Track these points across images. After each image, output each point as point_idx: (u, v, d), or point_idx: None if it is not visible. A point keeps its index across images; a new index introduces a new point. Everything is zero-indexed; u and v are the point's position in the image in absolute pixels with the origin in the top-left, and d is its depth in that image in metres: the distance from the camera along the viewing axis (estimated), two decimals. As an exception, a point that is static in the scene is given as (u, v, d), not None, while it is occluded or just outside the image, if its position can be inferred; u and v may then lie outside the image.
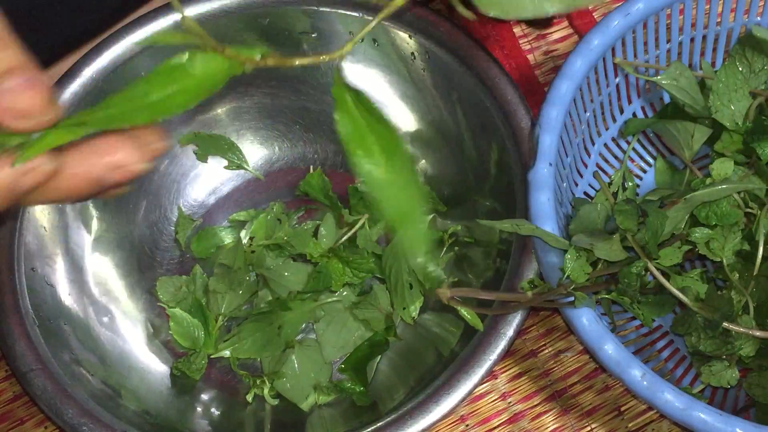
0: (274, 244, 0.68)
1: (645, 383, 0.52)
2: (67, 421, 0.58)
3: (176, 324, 0.66)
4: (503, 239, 0.64)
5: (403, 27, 0.68)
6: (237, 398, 0.66)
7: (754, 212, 0.60)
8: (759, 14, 0.67)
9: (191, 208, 0.72)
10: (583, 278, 0.55)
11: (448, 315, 0.64)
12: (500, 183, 0.65)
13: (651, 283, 0.60)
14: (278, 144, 0.74)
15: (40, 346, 0.61)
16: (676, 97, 0.65)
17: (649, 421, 0.65)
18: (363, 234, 0.68)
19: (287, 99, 0.73)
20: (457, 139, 0.69)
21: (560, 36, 0.77)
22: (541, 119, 0.60)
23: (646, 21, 0.63)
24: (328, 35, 0.70)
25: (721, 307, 0.56)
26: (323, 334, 0.67)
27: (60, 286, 0.65)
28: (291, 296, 0.67)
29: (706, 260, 0.64)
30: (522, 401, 0.66)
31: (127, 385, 0.64)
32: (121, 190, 0.41)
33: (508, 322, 0.59)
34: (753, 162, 0.62)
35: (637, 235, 0.56)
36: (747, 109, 0.63)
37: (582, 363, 0.66)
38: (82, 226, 0.67)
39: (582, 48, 0.62)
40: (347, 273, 0.67)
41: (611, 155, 0.69)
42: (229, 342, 0.66)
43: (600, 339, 0.54)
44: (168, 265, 0.70)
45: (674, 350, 0.64)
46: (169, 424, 0.63)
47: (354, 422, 0.62)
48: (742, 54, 0.64)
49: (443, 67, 0.67)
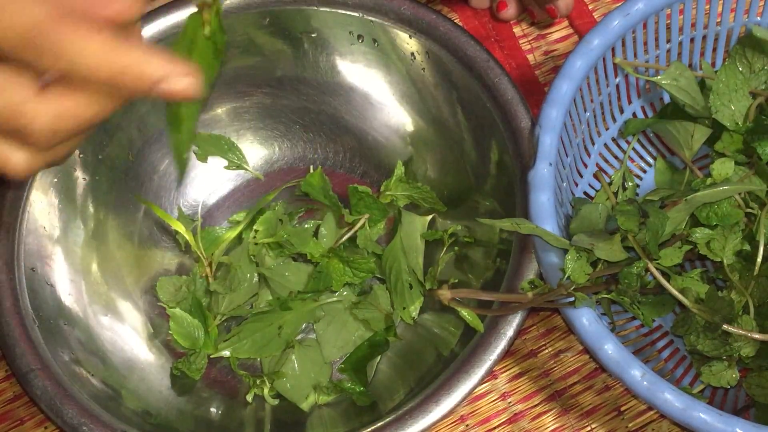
0: (274, 242, 0.68)
1: (645, 383, 0.52)
2: (67, 421, 0.58)
3: (176, 324, 0.66)
4: (503, 239, 0.64)
5: (403, 27, 0.68)
6: (237, 398, 0.66)
7: (755, 212, 0.60)
8: (759, 14, 0.67)
9: (191, 208, 0.72)
10: (584, 279, 0.55)
11: (448, 315, 0.64)
12: (500, 183, 0.65)
13: (651, 283, 0.60)
14: (278, 144, 0.74)
15: (40, 346, 0.61)
16: (676, 97, 0.65)
17: (649, 421, 0.65)
18: (363, 234, 0.68)
19: (287, 99, 0.73)
20: (457, 139, 0.69)
21: (560, 36, 0.77)
22: (541, 119, 0.60)
23: (646, 21, 0.63)
24: (328, 35, 0.70)
25: (721, 309, 0.56)
26: (323, 334, 0.67)
27: (60, 286, 0.65)
28: (291, 296, 0.67)
29: (706, 260, 0.64)
30: (522, 401, 0.66)
31: (127, 385, 0.64)
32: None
33: (508, 322, 0.59)
34: (753, 162, 0.62)
35: (637, 235, 0.56)
36: (747, 109, 0.63)
37: (582, 363, 0.66)
38: (82, 226, 0.67)
39: (582, 48, 0.62)
40: (347, 273, 0.67)
41: (611, 155, 0.69)
42: (229, 342, 0.66)
43: (600, 339, 0.54)
44: (168, 265, 0.70)
45: (674, 350, 0.64)
46: (169, 424, 0.63)
47: (354, 422, 0.62)
48: (742, 54, 0.64)
49: (443, 67, 0.67)
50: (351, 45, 0.70)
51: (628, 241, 0.56)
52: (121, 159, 0.69)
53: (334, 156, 0.73)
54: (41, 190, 0.65)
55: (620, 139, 0.70)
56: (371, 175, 0.73)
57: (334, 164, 0.73)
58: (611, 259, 0.56)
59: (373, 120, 0.72)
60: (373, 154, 0.73)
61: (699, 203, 0.59)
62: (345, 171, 0.73)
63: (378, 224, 0.70)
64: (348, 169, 0.73)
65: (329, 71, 0.72)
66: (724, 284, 0.62)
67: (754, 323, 0.58)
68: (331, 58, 0.71)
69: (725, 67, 0.63)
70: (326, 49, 0.71)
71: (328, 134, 0.73)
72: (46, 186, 0.65)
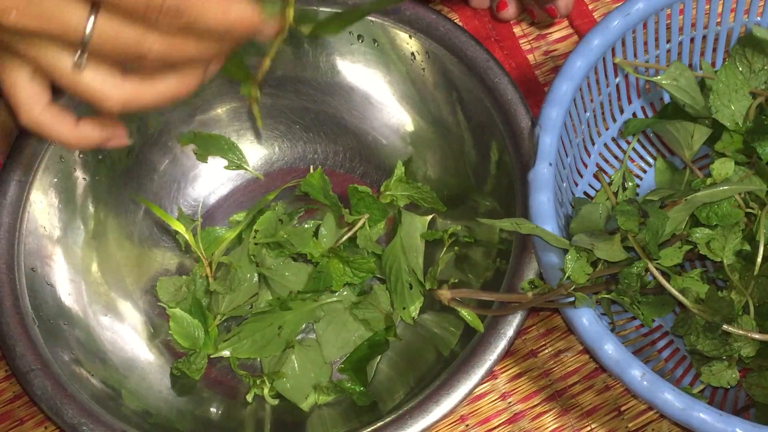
0: (274, 242, 0.68)
1: (645, 383, 0.52)
2: (67, 421, 0.58)
3: (176, 324, 0.66)
4: (503, 239, 0.64)
5: (403, 27, 0.68)
6: (237, 398, 0.66)
7: (755, 212, 0.60)
8: (759, 14, 0.67)
9: (191, 208, 0.72)
10: (584, 279, 0.55)
11: (448, 315, 0.64)
12: (500, 183, 0.65)
13: (651, 283, 0.60)
14: (278, 144, 0.74)
15: (40, 346, 0.61)
16: (676, 97, 0.65)
17: (649, 421, 0.65)
18: (363, 234, 0.68)
19: (287, 99, 0.73)
20: (457, 139, 0.69)
21: (560, 36, 0.77)
22: (541, 119, 0.60)
23: (646, 21, 0.63)
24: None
25: (721, 309, 0.56)
26: (323, 334, 0.67)
27: (60, 286, 0.65)
28: (291, 296, 0.67)
29: (706, 260, 0.64)
30: (522, 401, 0.66)
31: (127, 385, 0.64)
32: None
33: (508, 322, 0.59)
34: (753, 162, 0.62)
35: (637, 235, 0.56)
36: (747, 108, 0.63)
37: (582, 363, 0.66)
38: (82, 226, 0.67)
39: (582, 48, 0.62)
40: (347, 273, 0.67)
41: (611, 155, 0.69)
42: (229, 342, 0.66)
43: (600, 339, 0.54)
44: (168, 265, 0.70)
45: (674, 350, 0.64)
46: (169, 424, 0.63)
47: (354, 422, 0.62)
48: (742, 54, 0.64)
49: (443, 67, 0.68)
50: (351, 45, 0.70)
51: (628, 241, 0.56)
52: (121, 159, 0.69)
53: (334, 156, 0.73)
54: (41, 190, 0.65)
55: (620, 139, 0.70)
56: (371, 175, 0.73)
57: (334, 164, 0.73)
58: (611, 259, 0.56)
59: (373, 120, 0.72)
60: (373, 154, 0.73)
61: (699, 203, 0.59)
62: (345, 171, 0.73)
63: (378, 224, 0.70)
64: (348, 169, 0.73)
65: (329, 71, 0.72)
66: (724, 284, 0.62)
67: (754, 323, 0.58)
68: (331, 58, 0.71)
69: (725, 67, 0.63)
70: (326, 49, 0.71)
71: (328, 134, 0.73)
72: (46, 186, 0.65)
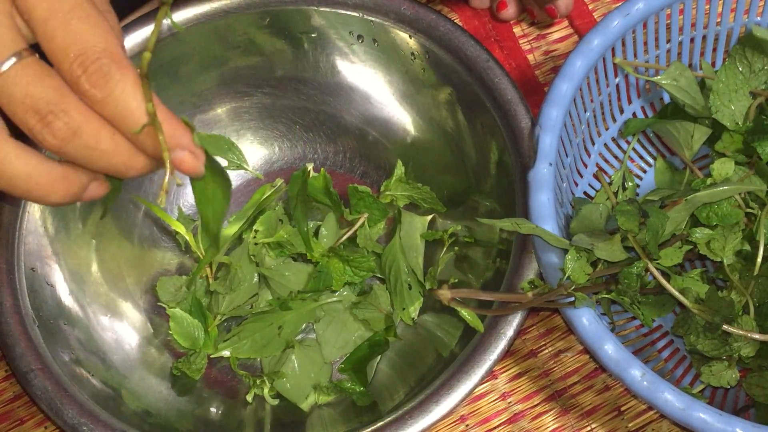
0: (274, 242, 0.68)
1: (645, 383, 0.52)
2: (67, 421, 0.58)
3: (176, 324, 0.66)
4: (503, 239, 0.64)
5: (403, 27, 0.68)
6: (237, 398, 0.66)
7: (755, 212, 0.60)
8: (759, 14, 0.67)
9: (191, 208, 0.72)
10: (584, 279, 0.55)
11: (448, 315, 0.64)
12: (500, 183, 0.65)
13: (651, 283, 0.60)
14: (278, 144, 0.74)
15: (40, 346, 0.61)
16: (676, 97, 0.65)
17: (649, 421, 0.65)
18: (363, 233, 0.68)
19: (287, 99, 0.73)
20: (457, 138, 0.69)
21: (560, 36, 0.77)
22: (541, 119, 0.60)
23: (646, 21, 0.63)
24: (327, 35, 0.70)
25: (721, 309, 0.56)
26: (323, 334, 0.67)
27: (60, 286, 0.65)
28: (291, 296, 0.67)
29: (706, 260, 0.64)
30: (522, 401, 0.66)
31: (127, 385, 0.64)
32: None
33: (508, 322, 0.59)
34: (753, 162, 0.62)
35: (637, 235, 0.56)
36: (747, 108, 0.63)
37: (582, 363, 0.66)
38: (82, 226, 0.67)
39: (582, 48, 0.62)
40: (347, 272, 0.67)
41: (611, 155, 0.69)
42: (229, 342, 0.66)
43: (600, 339, 0.54)
44: (168, 265, 0.70)
45: (674, 350, 0.64)
46: (169, 424, 0.63)
47: (354, 422, 0.62)
48: (742, 54, 0.64)
49: (443, 67, 0.68)
50: (351, 45, 0.70)
51: (628, 241, 0.56)
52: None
53: (334, 156, 0.73)
54: (41, 190, 0.65)
55: (620, 139, 0.70)
56: (371, 175, 0.73)
57: (334, 164, 0.73)
58: (611, 259, 0.56)
59: (373, 120, 0.72)
60: (373, 154, 0.73)
61: (699, 203, 0.59)
62: (345, 171, 0.73)
63: (378, 224, 0.70)
64: (348, 169, 0.73)
65: (329, 71, 0.72)
66: (724, 284, 0.62)
67: (754, 323, 0.58)
68: (331, 58, 0.71)
69: (725, 67, 0.63)
70: (326, 49, 0.71)
71: (328, 134, 0.73)
72: (46, 186, 0.65)
